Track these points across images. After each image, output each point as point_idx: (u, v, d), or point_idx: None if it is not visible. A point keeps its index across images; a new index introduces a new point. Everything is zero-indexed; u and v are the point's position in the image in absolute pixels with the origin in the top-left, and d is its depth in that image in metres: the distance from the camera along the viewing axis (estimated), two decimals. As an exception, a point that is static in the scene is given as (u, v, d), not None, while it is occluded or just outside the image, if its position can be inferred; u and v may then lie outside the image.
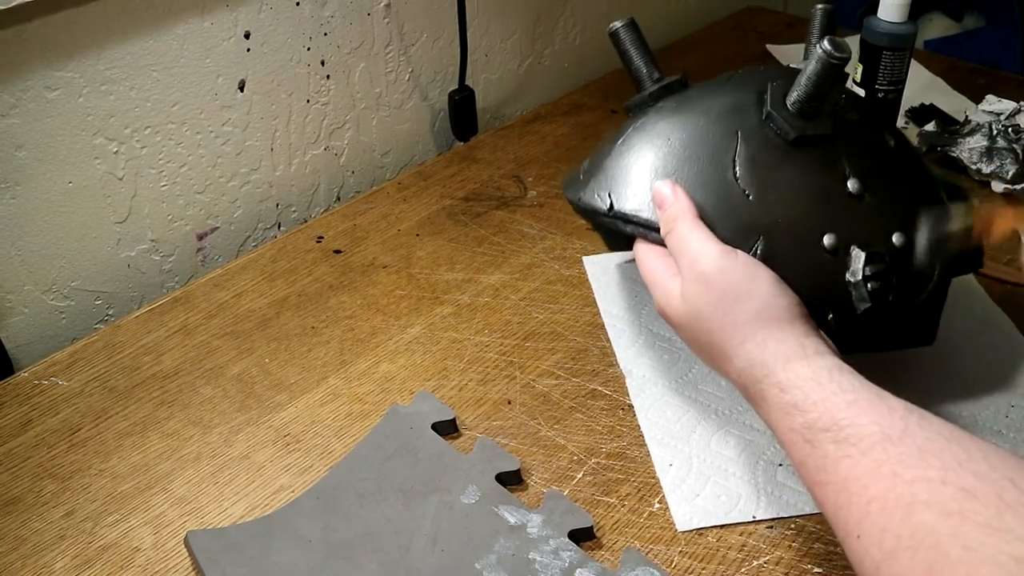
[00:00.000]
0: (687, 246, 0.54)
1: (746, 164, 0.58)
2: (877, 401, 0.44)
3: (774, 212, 0.57)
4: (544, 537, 0.55)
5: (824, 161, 0.58)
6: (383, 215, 0.89)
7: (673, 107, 0.62)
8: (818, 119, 0.58)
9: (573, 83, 1.16)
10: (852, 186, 0.58)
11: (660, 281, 0.57)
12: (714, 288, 0.52)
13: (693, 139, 0.59)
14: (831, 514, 0.43)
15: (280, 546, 0.56)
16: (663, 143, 0.60)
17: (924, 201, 0.60)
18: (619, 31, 0.66)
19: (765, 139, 0.58)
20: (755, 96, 0.60)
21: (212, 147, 0.85)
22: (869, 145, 0.60)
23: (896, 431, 0.42)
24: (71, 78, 0.73)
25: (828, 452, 0.43)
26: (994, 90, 0.97)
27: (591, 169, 0.64)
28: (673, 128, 0.60)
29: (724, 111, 0.59)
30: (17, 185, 0.73)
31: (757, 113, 0.59)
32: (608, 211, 0.60)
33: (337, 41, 0.90)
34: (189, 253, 0.87)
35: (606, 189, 0.61)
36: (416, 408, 0.65)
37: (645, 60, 0.66)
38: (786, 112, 0.58)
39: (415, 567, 0.54)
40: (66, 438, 0.66)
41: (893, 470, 0.40)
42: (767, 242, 0.56)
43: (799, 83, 0.57)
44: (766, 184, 0.57)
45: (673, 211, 0.56)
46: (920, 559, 0.37)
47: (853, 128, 0.60)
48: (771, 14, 1.30)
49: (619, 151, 0.62)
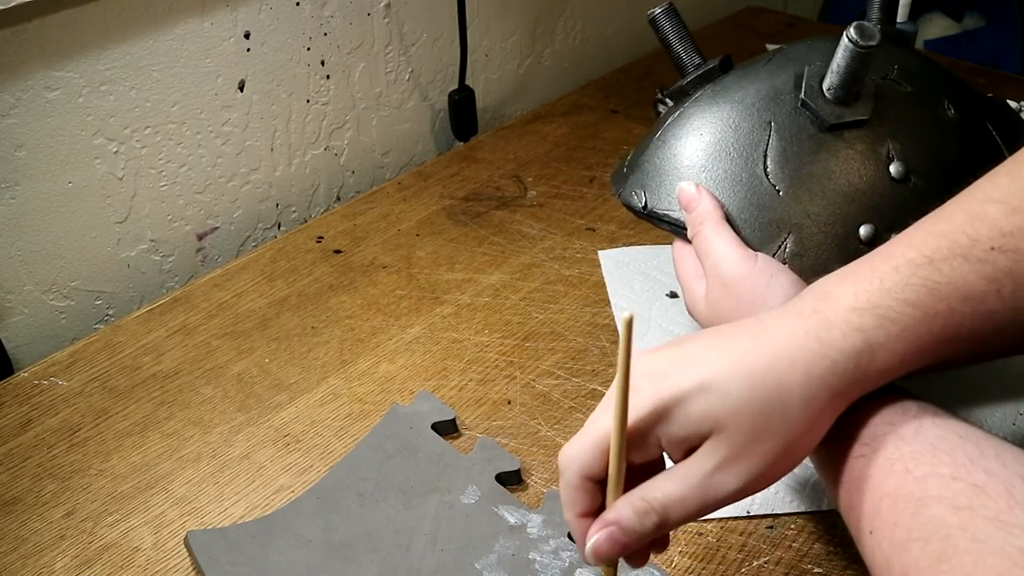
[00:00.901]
0: (710, 249, 0.55)
1: (777, 158, 0.56)
2: (889, 399, 0.44)
3: (806, 206, 0.55)
4: (544, 537, 0.55)
5: (864, 146, 0.56)
6: (383, 215, 0.89)
7: (709, 97, 0.60)
8: (857, 103, 0.56)
9: (573, 83, 1.16)
10: (895, 170, 0.56)
11: (688, 282, 0.58)
12: (732, 293, 0.53)
13: (724, 133, 0.58)
14: (845, 512, 0.43)
15: (280, 546, 0.56)
16: (696, 138, 0.59)
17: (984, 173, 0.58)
18: (657, 17, 0.64)
19: (800, 128, 0.57)
20: (793, 80, 0.58)
21: (212, 147, 0.85)
22: (921, 121, 0.57)
23: (909, 430, 0.42)
24: (71, 78, 0.73)
25: (842, 452, 0.44)
26: (994, 90, 0.97)
27: (632, 162, 0.63)
28: (705, 122, 0.59)
29: (759, 99, 0.58)
30: (17, 185, 0.73)
31: (793, 100, 0.57)
32: (643, 209, 0.60)
33: (337, 41, 0.90)
34: (189, 253, 0.87)
35: (641, 186, 0.61)
36: (416, 408, 0.65)
37: (685, 45, 0.64)
38: (822, 100, 0.56)
39: (415, 567, 0.54)
40: (66, 438, 0.66)
41: (905, 467, 0.40)
42: (797, 237, 0.55)
43: (831, 70, 0.56)
44: (798, 177, 0.56)
45: (699, 213, 0.56)
46: (930, 550, 0.37)
47: (903, 103, 0.58)
48: (771, 14, 1.30)
49: (655, 146, 0.61)
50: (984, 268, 0.42)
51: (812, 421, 0.42)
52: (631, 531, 0.41)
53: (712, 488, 0.41)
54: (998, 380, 0.67)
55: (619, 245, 0.83)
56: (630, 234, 0.84)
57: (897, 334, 0.42)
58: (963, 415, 0.63)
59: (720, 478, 0.41)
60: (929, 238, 0.43)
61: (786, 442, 0.41)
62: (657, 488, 0.42)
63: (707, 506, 0.42)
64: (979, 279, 0.42)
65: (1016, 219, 0.42)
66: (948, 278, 0.42)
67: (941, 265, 0.42)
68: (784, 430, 0.41)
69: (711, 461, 0.41)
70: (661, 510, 0.41)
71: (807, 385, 0.41)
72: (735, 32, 1.25)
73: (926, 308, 0.42)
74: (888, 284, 0.42)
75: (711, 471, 0.41)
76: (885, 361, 0.42)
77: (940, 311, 0.42)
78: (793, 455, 0.42)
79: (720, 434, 0.41)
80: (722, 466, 0.41)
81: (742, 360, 0.42)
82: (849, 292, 0.43)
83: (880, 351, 0.42)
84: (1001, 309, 0.42)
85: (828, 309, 0.43)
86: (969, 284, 0.42)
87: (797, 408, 0.41)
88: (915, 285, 0.42)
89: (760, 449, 0.41)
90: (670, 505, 0.41)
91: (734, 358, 0.42)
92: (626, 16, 1.21)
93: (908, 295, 0.42)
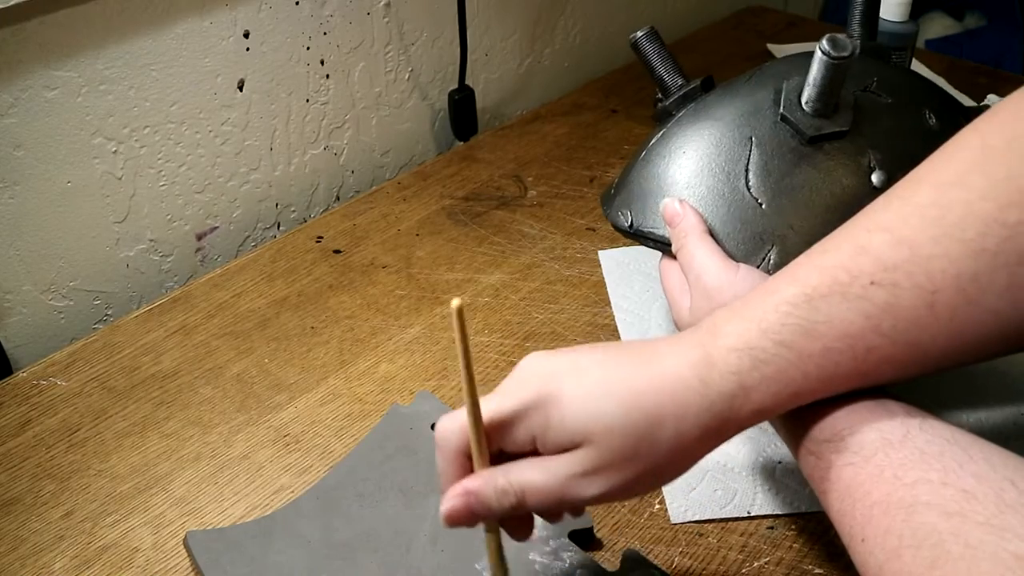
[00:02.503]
0: (693, 261, 0.56)
1: (759, 172, 0.57)
2: (877, 407, 0.44)
3: (788, 218, 0.56)
4: (544, 538, 0.55)
5: (845, 157, 0.57)
6: (383, 215, 0.89)
7: (691, 116, 0.61)
8: (836, 114, 0.57)
9: (573, 83, 1.16)
10: (877, 179, 0.56)
11: (674, 296, 0.58)
12: (716, 303, 0.53)
13: (706, 150, 0.59)
14: (836, 520, 0.43)
15: (280, 546, 0.56)
16: (678, 157, 0.60)
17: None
18: (639, 40, 0.66)
19: (781, 142, 0.57)
20: (772, 95, 0.58)
21: (211, 147, 0.85)
22: (902, 131, 0.58)
23: (897, 436, 0.42)
24: (70, 77, 0.73)
25: (831, 461, 0.44)
26: (995, 90, 0.97)
27: (618, 184, 0.64)
28: (687, 140, 0.60)
29: (740, 116, 0.59)
30: (16, 185, 0.73)
31: (773, 114, 0.58)
32: (630, 228, 0.61)
33: (337, 40, 0.90)
34: (188, 253, 0.87)
35: (627, 206, 0.62)
36: (417, 408, 0.65)
37: (667, 68, 0.65)
38: (800, 113, 0.57)
39: (415, 567, 0.54)
40: (65, 438, 0.66)
41: (895, 474, 0.40)
42: (780, 249, 0.56)
43: (808, 83, 0.56)
44: (780, 190, 0.57)
45: (683, 227, 0.57)
46: (922, 557, 0.37)
47: (884, 114, 0.58)
48: (771, 13, 1.30)
49: (639, 166, 0.62)
50: (862, 305, 0.42)
51: (680, 452, 0.44)
52: (486, 505, 0.44)
53: (573, 489, 0.43)
54: (998, 380, 0.67)
55: (619, 245, 0.83)
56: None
57: (771, 376, 0.43)
58: (964, 415, 0.64)
59: (583, 483, 0.43)
60: (812, 273, 0.44)
61: (652, 465, 0.43)
62: (523, 473, 0.44)
63: (564, 503, 0.44)
64: (857, 316, 0.42)
65: (900, 252, 0.42)
66: (825, 316, 0.42)
67: (819, 303, 0.43)
68: (652, 455, 0.43)
69: (577, 467, 0.43)
70: (520, 494, 0.43)
71: (681, 419, 0.43)
72: (735, 32, 1.25)
73: (799, 349, 0.43)
74: (765, 325, 0.43)
75: (576, 475, 0.43)
76: (759, 402, 0.43)
77: (815, 351, 0.42)
78: (658, 477, 0.44)
79: (589, 446, 0.42)
80: (587, 474, 0.43)
81: (625, 382, 0.43)
82: (732, 331, 0.44)
83: (754, 392, 0.43)
84: (882, 344, 0.42)
85: (713, 347, 0.44)
86: (847, 322, 0.42)
87: (668, 439, 0.43)
88: (791, 326, 0.43)
89: (625, 467, 0.43)
90: (530, 492, 0.43)
91: (619, 378, 0.43)
92: (626, 16, 1.21)
93: (784, 336, 0.43)
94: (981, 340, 0.43)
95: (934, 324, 0.42)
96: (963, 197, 0.41)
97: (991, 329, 0.42)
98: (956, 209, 0.41)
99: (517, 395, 0.44)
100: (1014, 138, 0.41)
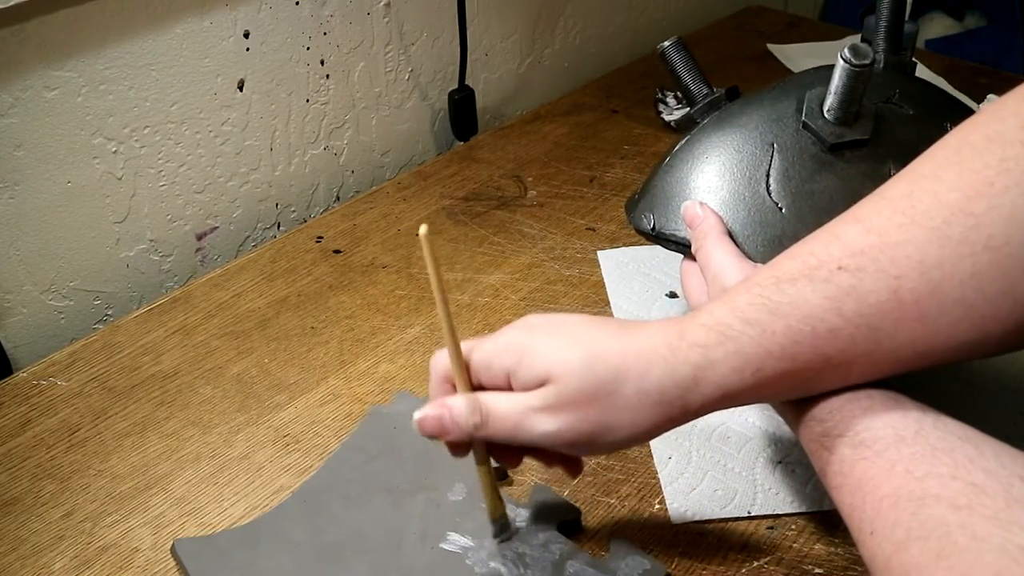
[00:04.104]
0: (711, 261, 0.56)
1: (780, 177, 0.58)
2: (892, 404, 0.45)
3: (807, 222, 0.56)
4: (533, 530, 0.55)
5: (865, 165, 0.58)
6: (383, 215, 0.89)
7: (715, 123, 0.62)
8: (857, 123, 0.58)
9: (573, 83, 1.16)
10: None
11: (694, 297, 0.59)
12: None
13: (729, 156, 0.60)
14: (847, 514, 0.44)
15: (268, 551, 0.56)
16: (701, 162, 0.61)
17: None
18: (667, 50, 0.66)
19: (802, 149, 0.58)
20: (795, 104, 0.60)
21: (211, 147, 0.85)
22: (922, 142, 0.58)
23: (910, 432, 0.43)
24: (70, 77, 0.73)
25: (844, 456, 0.44)
26: (995, 90, 0.97)
27: (643, 189, 0.65)
28: (711, 146, 0.61)
29: (763, 123, 0.60)
30: (16, 185, 0.73)
31: (796, 122, 0.59)
32: (651, 231, 0.62)
33: (337, 40, 0.90)
34: (188, 253, 0.87)
35: (650, 209, 0.63)
36: (397, 408, 0.65)
37: (693, 77, 0.66)
38: (822, 120, 0.58)
39: (407, 565, 0.54)
40: (65, 438, 0.66)
41: (906, 468, 0.41)
42: None
43: (830, 91, 0.57)
44: (800, 195, 0.57)
45: (702, 229, 0.58)
46: (929, 548, 0.38)
47: (905, 125, 0.59)
48: (772, 13, 1.30)
49: (663, 171, 0.63)
50: (826, 288, 0.44)
51: (637, 411, 0.46)
52: (456, 421, 0.49)
53: (528, 420, 0.47)
54: (998, 380, 0.67)
55: (619, 245, 0.83)
56: (630, 234, 0.84)
57: (734, 351, 0.45)
58: (963, 417, 0.63)
59: (538, 417, 0.47)
60: (786, 260, 0.46)
61: (606, 417, 0.46)
62: (491, 398, 0.48)
63: (519, 432, 0.48)
64: (820, 298, 0.44)
65: (867, 239, 0.44)
66: (790, 297, 0.44)
67: (786, 286, 0.45)
68: (608, 406, 0.46)
69: (536, 401, 0.47)
70: (485, 416, 0.48)
71: (643, 376, 0.45)
72: (736, 32, 1.25)
73: (763, 327, 0.44)
74: (735, 303, 0.45)
75: (534, 408, 0.47)
76: (722, 377, 0.45)
77: (777, 330, 0.44)
78: (609, 432, 0.47)
79: (551, 385, 0.46)
80: (544, 409, 0.47)
81: (597, 341, 0.47)
82: (708, 310, 0.46)
83: (718, 366, 0.45)
84: (844, 327, 0.43)
85: (687, 321, 0.46)
86: (810, 304, 0.44)
87: (627, 393, 0.46)
88: (757, 305, 0.45)
89: (580, 410, 0.46)
90: (493, 415, 0.48)
91: (593, 339, 0.47)
92: (626, 16, 1.21)
93: (749, 314, 0.45)
94: (951, 331, 0.43)
95: (897, 309, 0.43)
96: (933, 188, 0.43)
97: (960, 320, 0.43)
98: (925, 199, 0.43)
99: (501, 336, 0.49)
100: (990, 136, 0.43)
